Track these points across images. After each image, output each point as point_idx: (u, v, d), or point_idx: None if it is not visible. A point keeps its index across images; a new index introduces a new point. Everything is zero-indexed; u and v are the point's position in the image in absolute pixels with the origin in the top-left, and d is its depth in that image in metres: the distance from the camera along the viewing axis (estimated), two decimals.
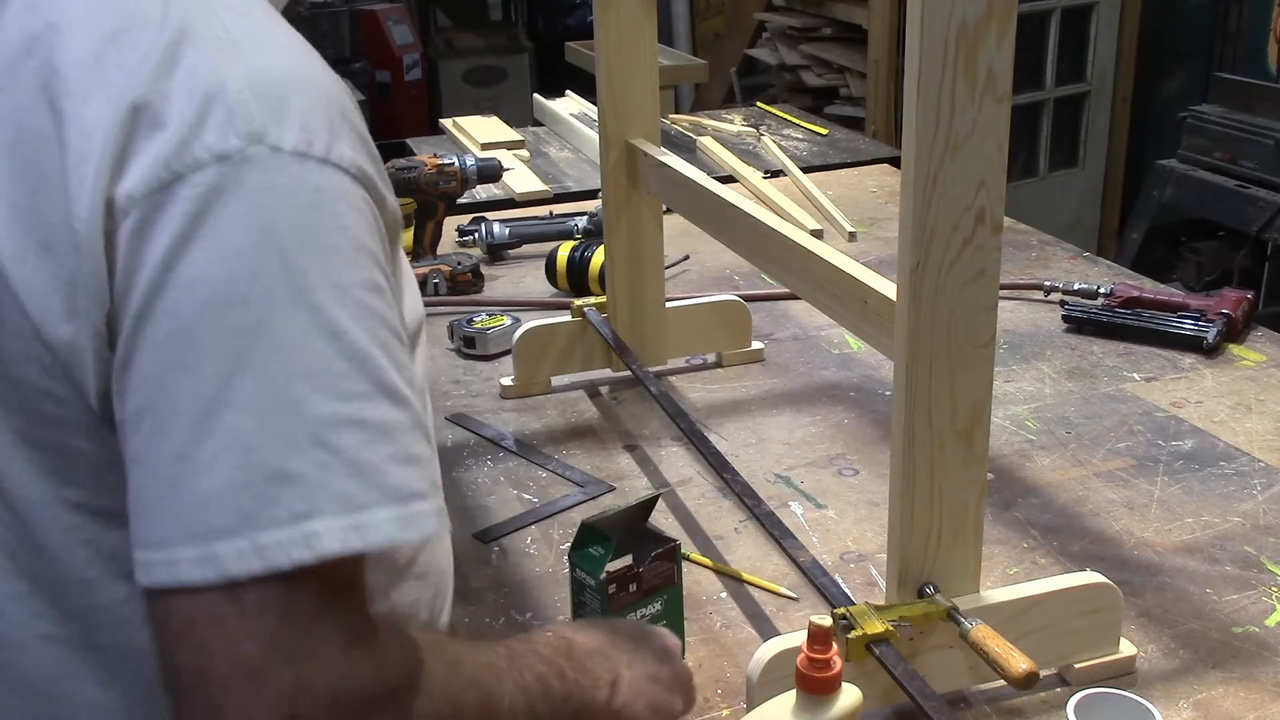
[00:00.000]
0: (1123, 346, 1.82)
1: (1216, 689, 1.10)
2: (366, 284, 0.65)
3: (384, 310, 0.66)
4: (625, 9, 1.54)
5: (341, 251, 0.64)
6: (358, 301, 0.64)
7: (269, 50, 0.68)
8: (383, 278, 0.67)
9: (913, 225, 0.94)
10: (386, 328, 0.65)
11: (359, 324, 0.64)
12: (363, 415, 0.63)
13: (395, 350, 0.65)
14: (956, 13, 0.89)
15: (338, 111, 0.68)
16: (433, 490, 0.66)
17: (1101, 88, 4.28)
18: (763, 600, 1.25)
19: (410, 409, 0.65)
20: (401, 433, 0.64)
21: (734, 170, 2.66)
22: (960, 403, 1.00)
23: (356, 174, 0.67)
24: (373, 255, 0.66)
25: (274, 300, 0.62)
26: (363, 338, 0.64)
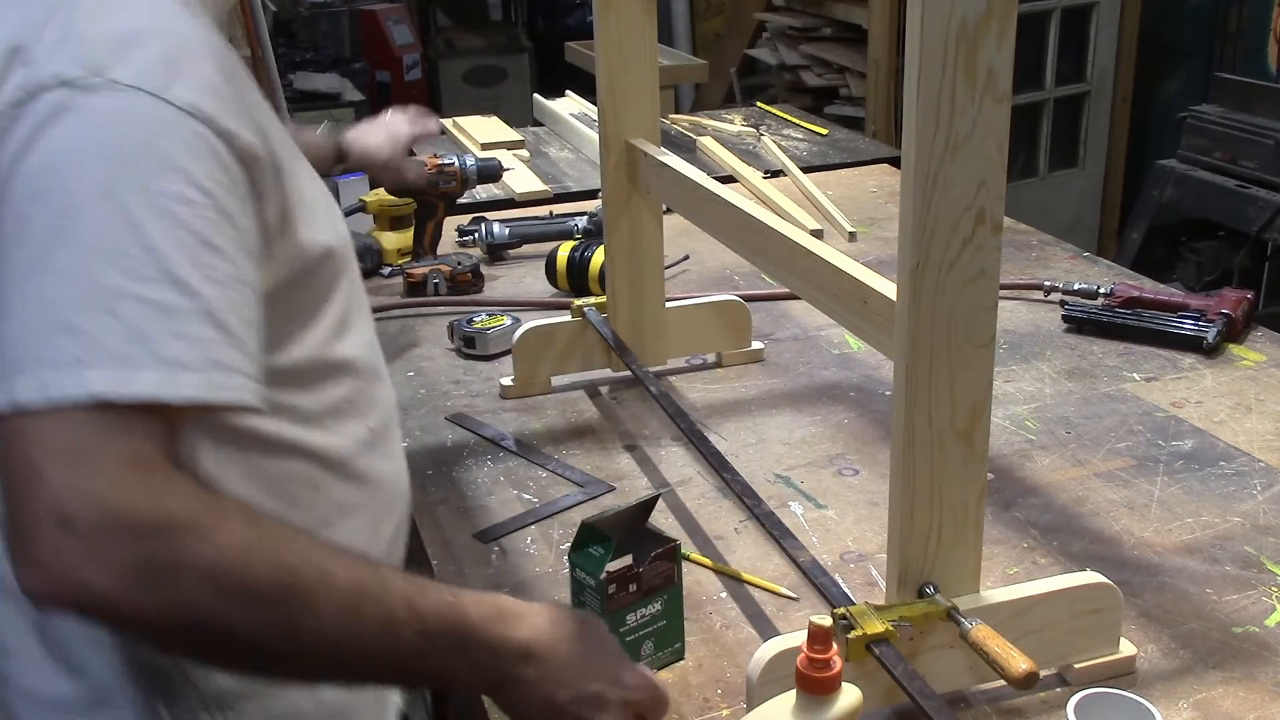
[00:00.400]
0: (1123, 346, 1.82)
1: (1216, 689, 1.10)
2: (175, 196, 0.80)
3: (188, 218, 0.80)
4: (625, 9, 1.54)
5: (154, 167, 0.80)
6: (161, 207, 0.79)
7: (135, 10, 0.85)
8: (200, 195, 0.81)
9: (913, 225, 0.94)
10: (188, 231, 0.80)
11: (158, 223, 0.79)
12: (147, 295, 0.77)
13: (195, 251, 0.80)
14: (956, 13, 0.89)
15: (184, 59, 0.84)
16: (207, 366, 0.79)
17: (1101, 88, 4.28)
18: (763, 600, 1.25)
19: (198, 299, 0.79)
20: (180, 315, 0.78)
21: (734, 170, 2.66)
22: (960, 403, 1.00)
23: (189, 110, 0.82)
24: (188, 176, 0.81)
25: (90, 193, 0.78)
26: (158, 234, 0.78)
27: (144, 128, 0.81)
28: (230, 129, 0.84)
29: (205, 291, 0.80)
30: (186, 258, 0.79)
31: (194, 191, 0.81)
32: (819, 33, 4.41)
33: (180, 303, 0.78)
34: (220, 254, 0.82)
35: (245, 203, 0.86)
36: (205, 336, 0.79)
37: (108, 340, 0.75)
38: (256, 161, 0.87)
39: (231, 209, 0.83)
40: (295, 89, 5.15)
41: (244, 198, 0.85)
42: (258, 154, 0.87)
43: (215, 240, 0.81)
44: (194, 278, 0.79)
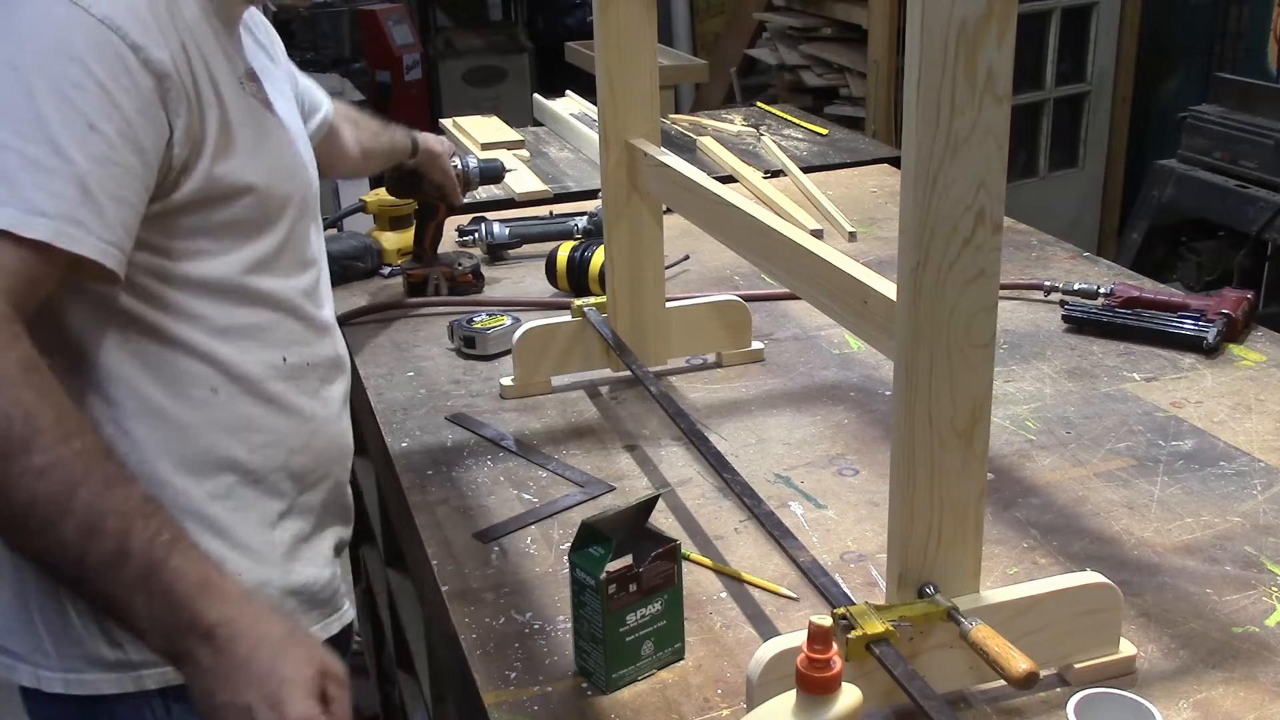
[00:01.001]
0: (1123, 346, 1.82)
1: (1216, 689, 1.10)
2: (70, 80, 0.95)
3: (78, 101, 0.95)
4: (625, 9, 1.54)
5: (58, 55, 0.95)
6: (55, 87, 0.94)
7: None
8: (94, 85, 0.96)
9: (913, 225, 0.94)
10: (76, 110, 0.95)
11: (50, 97, 0.94)
12: (26, 151, 0.92)
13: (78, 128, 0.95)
14: (956, 13, 0.89)
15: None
16: (63, 219, 0.93)
17: (1101, 88, 4.28)
18: (763, 600, 1.25)
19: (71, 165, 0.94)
20: (51, 173, 0.93)
21: (734, 170, 2.66)
22: (960, 403, 1.00)
23: (100, 19, 0.97)
24: (86, 68, 0.95)
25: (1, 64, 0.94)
26: (49, 105, 0.94)
27: (58, 25, 0.96)
28: (140, 43, 0.99)
29: (79, 161, 0.94)
30: (69, 131, 0.94)
31: (89, 81, 0.96)
32: (819, 33, 4.41)
33: (54, 163, 0.93)
34: (102, 136, 0.96)
35: (147, 106, 1.00)
36: (69, 195, 0.94)
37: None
38: (166, 77, 1.01)
39: (124, 105, 0.97)
40: None
41: (146, 101, 1.00)
42: (168, 71, 1.01)
43: (100, 124, 0.96)
44: (72, 148, 0.94)
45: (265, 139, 1.18)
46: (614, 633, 1.08)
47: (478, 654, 1.18)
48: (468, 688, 1.16)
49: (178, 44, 1.04)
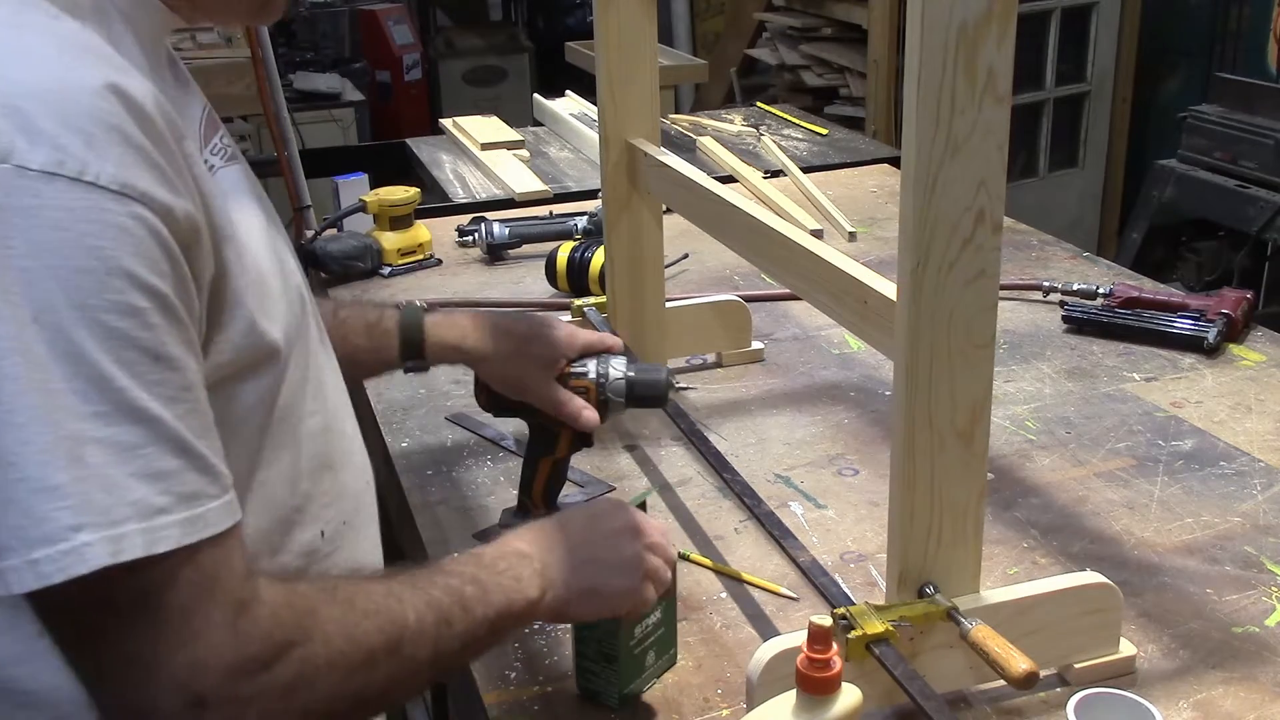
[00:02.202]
0: (1123, 346, 1.82)
1: (1216, 689, 1.10)
2: (116, 307, 0.68)
3: (135, 332, 0.69)
4: (625, 9, 1.54)
5: (90, 273, 0.67)
6: (102, 324, 0.67)
7: (26, 62, 0.69)
8: (145, 299, 0.69)
9: (913, 225, 0.94)
10: (137, 349, 0.69)
11: (101, 346, 0.67)
12: (103, 434, 0.67)
13: (147, 370, 0.69)
14: (956, 13, 0.89)
15: (101, 125, 0.68)
16: (182, 503, 0.71)
17: (1101, 88, 4.28)
18: (763, 600, 1.25)
19: (157, 426, 0.70)
20: (142, 450, 0.69)
21: (734, 170, 2.66)
22: (960, 403, 1.00)
23: (120, 190, 0.68)
24: (129, 276, 0.68)
25: (16, 321, 0.65)
26: (104, 359, 0.67)
27: (68, 224, 0.66)
28: (168, 202, 0.71)
29: (164, 415, 0.70)
30: (139, 381, 0.69)
31: (138, 295, 0.69)
32: (819, 33, 4.41)
33: (139, 436, 0.69)
34: (172, 365, 0.71)
35: (187, 286, 0.74)
36: (172, 468, 0.71)
37: (90, 494, 0.67)
38: (197, 233, 0.75)
39: (177, 303, 0.72)
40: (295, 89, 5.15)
41: (185, 280, 0.74)
42: (196, 223, 0.74)
43: (166, 349, 0.71)
44: (149, 402, 0.70)
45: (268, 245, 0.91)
46: (626, 648, 1.07)
47: None
48: (468, 688, 1.16)
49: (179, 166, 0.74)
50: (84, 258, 0.67)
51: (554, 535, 0.99)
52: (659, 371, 1.35)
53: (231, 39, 4.13)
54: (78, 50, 0.73)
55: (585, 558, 0.99)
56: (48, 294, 0.66)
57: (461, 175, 2.79)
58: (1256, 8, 3.83)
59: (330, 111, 5.23)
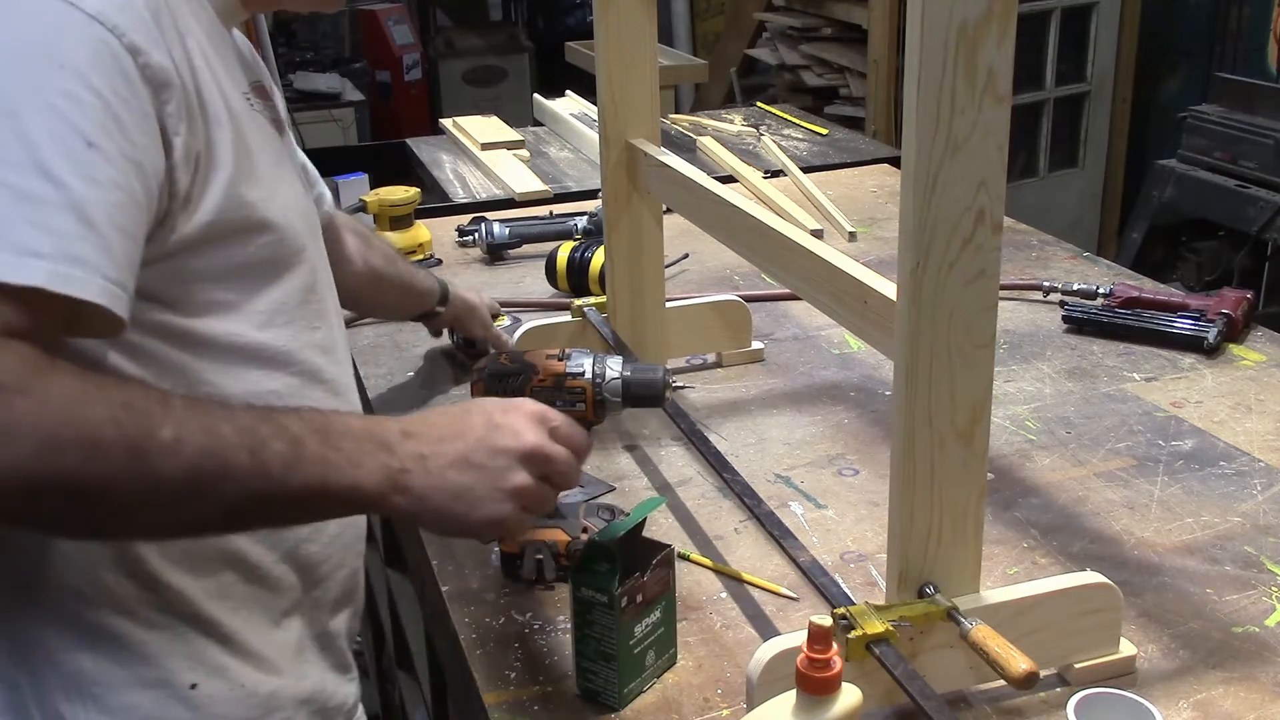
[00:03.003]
0: (1123, 346, 1.82)
1: (1216, 689, 1.10)
2: (61, 91, 0.80)
3: (73, 115, 0.80)
4: (625, 9, 1.54)
5: (45, 61, 0.81)
6: (45, 100, 0.80)
7: None
8: (90, 95, 0.81)
9: (913, 225, 0.94)
10: (69, 127, 0.80)
11: (38, 114, 0.79)
12: (12, 181, 0.78)
13: (73, 147, 0.80)
14: (956, 13, 0.89)
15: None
16: (61, 258, 0.78)
17: (1101, 88, 4.28)
18: (763, 600, 1.25)
19: (67, 192, 0.79)
20: (43, 205, 0.78)
21: (734, 170, 2.66)
22: (960, 403, 1.00)
23: (93, 15, 0.83)
24: (80, 75, 0.81)
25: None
26: (36, 124, 0.79)
27: (43, 25, 0.82)
28: (138, 44, 0.85)
29: (76, 186, 0.79)
30: (62, 152, 0.79)
31: (84, 90, 0.81)
32: (819, 33, 4.41)
33: (46, 193, 0.79)
34: (102, 154, 0.81)
35: (147, 120, 0.85)
36: (65, 229, 0.79)
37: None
38: (168, 86, 0.87)
39: (125, 119, 0.83)
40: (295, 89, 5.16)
41: (145, 114, 0.85)
42: (170, 79, 0.87)
43: (99, 141, 0.81)
44: (66, 171, 0.79)
45: (280, 167, 1.03)
46: (625, 647, 1.07)
47: (478, 654, 1.17)
48: (468, 688, 1.16)
49: (180, 48, 0.89)
50: (46, 51, 0.81)
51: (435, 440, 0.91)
52: (656, 371, 1.36)
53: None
54: None
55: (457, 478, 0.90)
56: (7, 70, 0.80)
57: (461, 175, 2.79)
58: (1256, 8, 3.83)
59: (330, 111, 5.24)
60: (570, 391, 1.30)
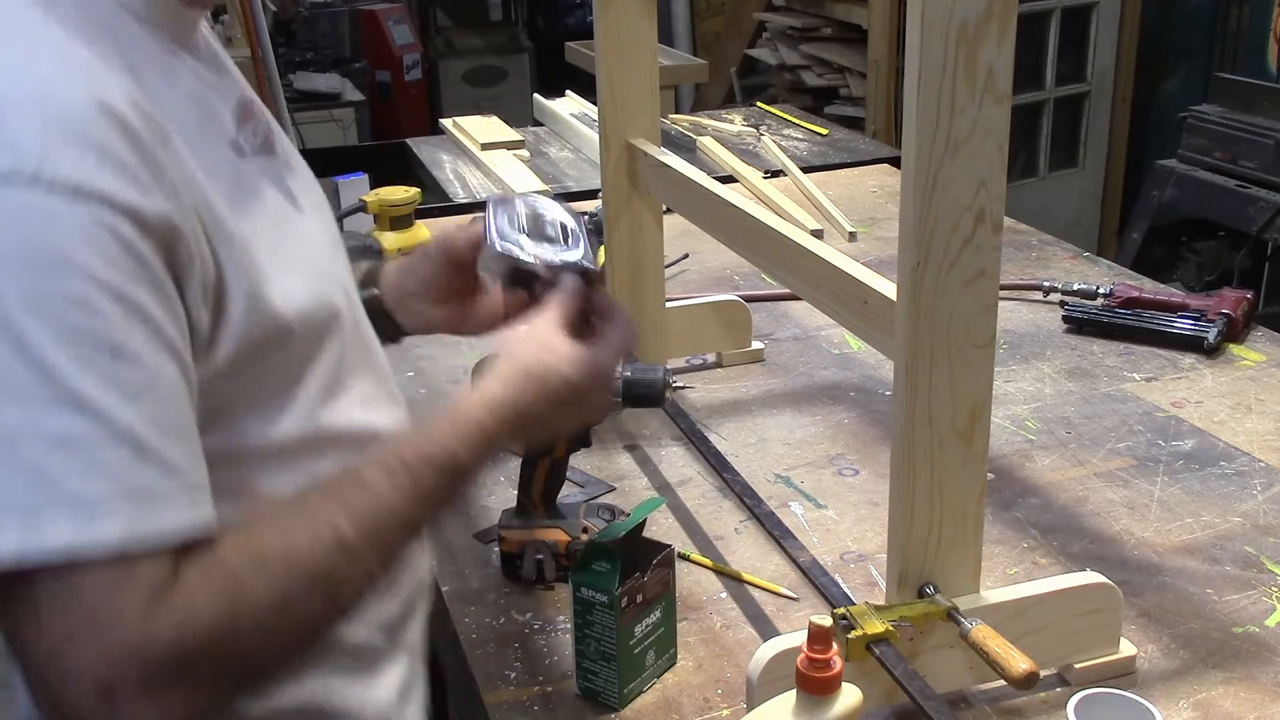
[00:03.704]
0: (1123, 346, 1.82)
1: (1216, 689, 1.10)
2: (69, 298, 0.67)
3: (88, 324, 0.68)
4: (625, 9, 1.54)
5: (40, 268, 0.67)
6: (54, 316, 0.67)
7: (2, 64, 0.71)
8: (100, 293, 0.68)
9: (913, 225, 0.94)
10: (89, 340, 0.68)
11: (51, 337, 0.67)
12: (49, 426, 0.66)
13: (100, 363, 0.68)
14: (956, 13, 0.89)
15: (69, 128, 0.69)
16: (128, 499, 0.68)
17: (1101, 88, 4.28)
18: (763, 600, 1.25)
19: (107, 422, 0.68)
20: (89, 444, 0.67)
21: (734, 170, 2.66)
22: (960, 403, 1.00)
23: (77, 188, 0.68)
24: (84, 271, 0.68)
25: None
26: (52, 350, 0.66)
27: (23, 222, 0.67)
28: (134, 204, 0.70)
29: (114, 409, 0.68)
30: (90, 373, 0.67)
31: (92, 289, 0.68)
32: (819, 33, 4.41)
33: (86, 429, 0.67)
34: (130, 360, 0.69)
35: (162, 288, 0.72)
36: (120, 465, 0.68)
37: (10, 492, 0.66)
38: (173, 233, 0.73)
39: (142, 299, 0.70)
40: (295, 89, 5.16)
41: (158, 282, 0.72)
42: (173, 223, 0.73)
43: (124, 343, 0.69)
44: (99, 395, 0.68)
45: (289, 222, 0.91)
46: (626, 647, 1.08)
47: (478, 654, 1.17)
48: (468, 687, 1.16)
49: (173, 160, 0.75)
50: (37, 254, 0.67)
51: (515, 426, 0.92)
52: (656, 371, 1.36)
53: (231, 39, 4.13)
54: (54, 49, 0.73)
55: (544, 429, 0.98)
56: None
57: (461, 175, 2.79)
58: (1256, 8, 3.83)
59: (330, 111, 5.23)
60: None
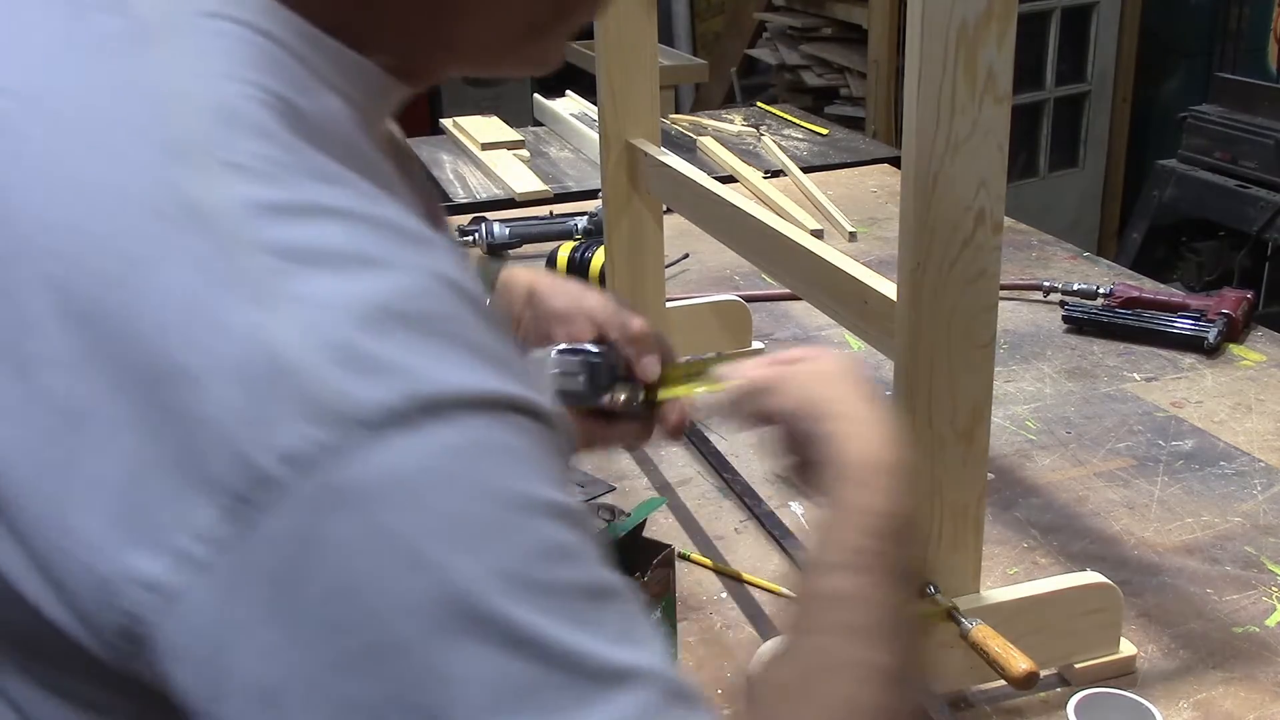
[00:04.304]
0: (1123, 346, 1.82)
1: (1216, 689, 1.10)
2: (544, 551, 0.46)
3: (571, 573, 0.47)
4: (625, 9, 1.54)
5: (497, 535, 0.45)
6: (539, 584, 0.45)
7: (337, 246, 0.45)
8: (566, 529, 0.47)
9: (913, 225, 0.94)
10: (581, 595, 0.47)
11: (548, 613, 0.45)
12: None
13: (599, 615, 0.47)
14: (956, 13, 0.89)
15: (432, 328, 0.46)
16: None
17: (1101, 88, 4.28)
18: (763, 600, 1.25)
19: (650, 678, 0.47)
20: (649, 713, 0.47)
21: (734, 170, 2.66)
22: (960, 403, 1.00)
23: (495, 400, 0.46)
24: (542, 505, 0.47)
25: (425, 632, 0.43)
26: (556, 628, 0.45)
27: (453, 477, 0.44)
28: (536, 399, 0.49)
29: (646, 661, 0.48)
30: (599, 637, 0.46)
31: (557, 527, 0.47)
32: (819, 33, 4.41)
33: (633, 702, 0.46)
34: (613, 592, 0.49)
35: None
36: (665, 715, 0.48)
37: None
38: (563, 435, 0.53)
39: (575, 502, 0.50)
40: None
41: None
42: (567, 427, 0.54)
43: (603, 581, 0.49)
44: (618, 657, 0.47)
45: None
46: None
47: None
48: None
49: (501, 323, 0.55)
50: (485, 516, 0.45)
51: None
52: None
53: None
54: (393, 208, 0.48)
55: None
56: (458, 580, 0.43)
57: (462, 175, 2.79)
58: (1256, 8, 3.83)
59: None
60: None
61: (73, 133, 0.46)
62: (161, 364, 0.42)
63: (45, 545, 0.44)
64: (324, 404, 0.42)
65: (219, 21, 0.49)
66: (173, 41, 0.48)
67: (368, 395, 0.43)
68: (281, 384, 0.42)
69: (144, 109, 0.46)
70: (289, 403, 0.42)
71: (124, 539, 0.43)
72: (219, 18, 0.49)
